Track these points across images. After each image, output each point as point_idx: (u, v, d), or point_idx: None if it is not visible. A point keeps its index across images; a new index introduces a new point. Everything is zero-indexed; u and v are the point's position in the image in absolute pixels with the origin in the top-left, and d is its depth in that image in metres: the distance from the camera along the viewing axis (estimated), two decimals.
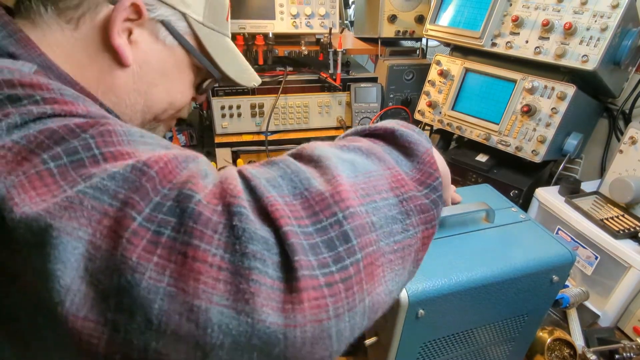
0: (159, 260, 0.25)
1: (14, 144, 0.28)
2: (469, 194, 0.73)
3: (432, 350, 0.58)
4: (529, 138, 0.96)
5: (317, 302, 0.26)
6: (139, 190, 0.26)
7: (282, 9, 1.18)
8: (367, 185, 0.32)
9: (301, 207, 0.29)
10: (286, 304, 0.25)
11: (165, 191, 0.27)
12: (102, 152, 0.29)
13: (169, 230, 0.25)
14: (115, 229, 0.25)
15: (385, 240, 0.31)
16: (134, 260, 0.24)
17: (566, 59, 0.89)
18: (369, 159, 0.35)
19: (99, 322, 0.24)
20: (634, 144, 0.86)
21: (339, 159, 0.33)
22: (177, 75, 0.55)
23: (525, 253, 0.58)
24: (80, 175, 0.27)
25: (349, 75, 1.30)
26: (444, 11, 1.13)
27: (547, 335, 0.72)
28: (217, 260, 0.25)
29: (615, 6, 0.82)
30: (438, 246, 0.58)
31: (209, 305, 0.24)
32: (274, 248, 0.26)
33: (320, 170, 0.32)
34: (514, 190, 0.99)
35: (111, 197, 0.26)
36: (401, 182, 0.35)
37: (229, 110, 1.22)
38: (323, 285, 0.26)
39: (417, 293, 0.50)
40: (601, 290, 0.83)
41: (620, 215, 0.84)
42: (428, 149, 0.38)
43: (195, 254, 0.25)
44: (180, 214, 0.26)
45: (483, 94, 1.06)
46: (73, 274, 0.24)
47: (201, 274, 0.24)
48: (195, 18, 0.53)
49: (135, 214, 0.25)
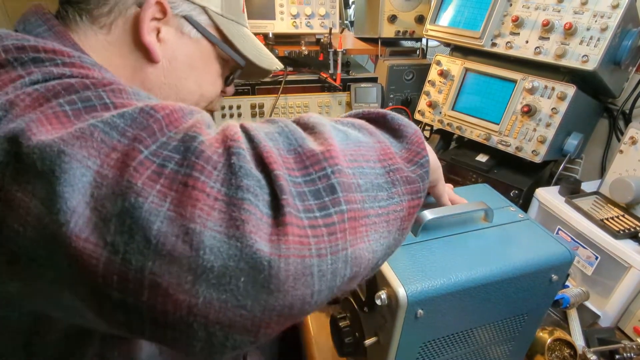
0: (162, 188, 0.27)
1: (34, 90, 0.31)
2: (467, 193, 0.73)
3: (432, 350, 0.58)
4: (529, 138, 0.96)
5: (300, 239, 0.28)
6: (146, 129, 0.29)
7: (282, 9, 1.18)
8: (357, 153, 0.35)
9: (293, 161, 0.31)
10: (272, 235, 0.27)
11: (171, 134, 0.29)
12: (113, 101, 0.32)
13: (173, 164, 0.28)
14: (123, 160, 0.27)
15: (370, 203, 0.33)
16: (138, 186, 0.26)
17: (566, 59, 0.88)
18: (361, 132, 0.38)
19: (99, 244, 0.26)
20: (634, 144, 0.86)
21: (333, 127, 0.36)
22: (204, 67, 0.58)
23: (523, 252, 0.58)
24: (93, 117, 0.30)
25: (349, 75, 1.30)
26: (444, 11, 1.13)
27: (548, 336, 0.72)
28: (214, 192, 0.27)
29: (615, 6, 0.82)
30: (437, 246, 0.58)
31: (203, 229, 0.26)
32: (265, 187, 0.29)
33: (314, 135, 0.34)
34: (514, 190, 0.99)
35: (120, 134, 0.29)
36: (389, 155, 0.37)
37: (229, 110, 1.22)
38: (307, 227, 0.28)
39: (416, 293, 0.50)
40: (601, 290, 0.82)
41: (621, 215, 0.84)
42: (416, 129, 0.41)
43: (195, 183, 0.27)
44: (184, 151, 0.28)
45: (483, 94, 1.06)
46: (79, 197, 0.26)
47: (198, 201, 0.27)
48: (214, 10, 0.56)
49: (142, 148, 0.28)
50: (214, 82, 0.61)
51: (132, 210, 0.26)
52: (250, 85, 1.20)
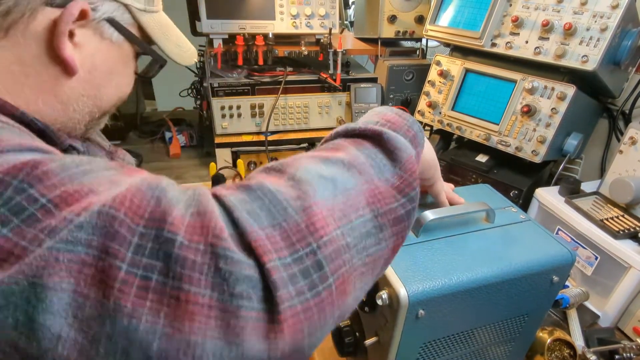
0: (152, 305, 0.26)
1: None
2: (468, 194, 0.73)
3: (432, 351, 0.58)
4: (529, 138, 0.96)
5: (294, 327, 0.29)
6: (115, 237, 0.27)
7: (282, 9, 1.18)
8: (345, 205, 0.34)
9: (280, 238, 0.30)
10: (270, 333, 0.28)
11: (140, 229, 0.27)
12: (50, 198, 0.28)
13: (156, 274, 0.27)
14: (103, 279, 0.26)
15: (358, 256, 0.34)
16: (128, 307, 0.25)
17: (566, 59, 0.89)
18: (350, 172, 0.36)
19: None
20: (633, 144, 0.86)
21: (320, 177, 0.35)
22: (123, 70, 0.52)
23: (525, 253, 0.58)
24: (41, 230, 0.27)
25: (348, 75, 1.30)
26: (443, 11, 1.13)
27: (547, 336, 0.72)
28: (207, 300, 0.27)
29: (615, 6, 0.82)
30: (438, 246, 0.58)
31: (204, 339, 0.26)
32: (258, 284, 0.28)
33: (298, 192, 0.33)
34: (514, 190, 0.99)
35: (85, 246, 0.26)
36: (378, 196, 0.36)
37: (229, 110, 1.22)
38: (300, 313, 0.29)
39: (417, 293, 0.50)
40: (601, 290, 0.83)
41: (620, 215, 0.84)
42: (411, 155, 0.40)
43: (187, 297, 0.26)
44: (166, 259, 0.27)
45: (483, 94, 1.06)
46: (62, 322, 0.25)
47: (194, 314, 0.26)
48: (137, 7, 0.49)
49: (119, 263, 0.26)
50: (131, 80, 0.55)
51: (126, 332, 0.25)
52: (250, 86, 1.20)
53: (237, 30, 1.16)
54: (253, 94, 1.22)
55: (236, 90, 1.20)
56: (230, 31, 1.16)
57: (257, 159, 1.29)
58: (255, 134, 1.27)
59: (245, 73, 1.21)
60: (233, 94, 1.20)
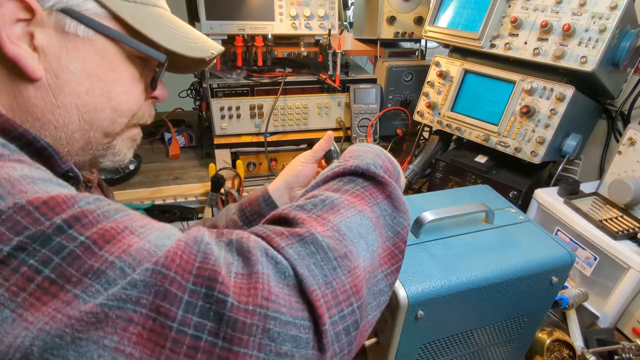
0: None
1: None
2: (467, 194, 0.73)
3: (432, 352, 0.58)
4: (528, 139, 0.96)
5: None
6: (166, 296, 0.27)
7: (282, 10, 1.18)
8: (372, 267, 0.38)
9: (331, 297, 0.32)
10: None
11: (190, 285, 0.28)
12: (88, 235, 0.28)
13: (206, 334, 0.27)
14: (151, 338, 0.26)
15: (372, 313, 0.38)
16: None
17: (565, 60, 0.89)
18: (375, 233, 0.40)
19: None
20: (632, 145, 0.86)
21: (359, 236, 0.37)
22: (110, 73, 0.44)
23: (524, 254, 0.58)
24: (85, 273, 0.26)
25: (348, 76, 1.30)
26: (443, 12, 1.13)
27: (547, 336, 0.72)
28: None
29: (613, 7, 0.82)
30: (437, 247, 0.58)
31: None
32: (307, 343, 0.30)
33: (345, 249, 0.35)
34: (513, 191, 0.99)
35: (134, 303, 0.26)
36: (388, 257, 0.41)
37: (228, 111, 1.22)
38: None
39: (417, 294, 0.50)
40: (600, 291, 0.83)
41: (620, 216, 0.84)
42: (407, 225, 0.44)
43: (236, 358, 0.27)
44: (217, 319, 0.27)
45: (482, 95, 1.06)
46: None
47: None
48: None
49: (170, 323, 0.26)
50: (130, 89, 0.46)
51: None
52: (249, 87, 1.20)
53: (236, 31, 1.16)
54: (252, 95, 1.22)
55: (235, 91, 1.20)
56: (230, 32, 1.16)
57: (256, 159, 1.29)
58: (255, 135, 1.27)
59: (244, 74, 1.21)
60: (232, 94, 1.20)
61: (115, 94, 0.45)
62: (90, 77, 0.42)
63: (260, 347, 0.28)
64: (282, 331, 0.29)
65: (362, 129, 1.32)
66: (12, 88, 0.39)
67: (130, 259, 0.27)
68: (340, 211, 0.38)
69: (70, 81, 0.41)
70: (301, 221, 0.36)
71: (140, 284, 0.27)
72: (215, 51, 0.53)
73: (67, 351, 0.24)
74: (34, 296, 0.25)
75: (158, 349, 0.26)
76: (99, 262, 0.27)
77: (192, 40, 0.50)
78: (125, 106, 0.46)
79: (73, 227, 0.27)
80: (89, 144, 0.46)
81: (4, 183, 0.28)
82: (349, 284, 0.34)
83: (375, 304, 0.38)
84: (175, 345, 0.26)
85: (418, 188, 1.26)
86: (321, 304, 0.31)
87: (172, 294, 0.27)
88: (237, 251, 0.32)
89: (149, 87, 0.50)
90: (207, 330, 0.27)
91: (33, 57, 0.38)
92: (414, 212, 0.60)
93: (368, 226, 0.39)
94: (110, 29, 0.42)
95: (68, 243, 0.27)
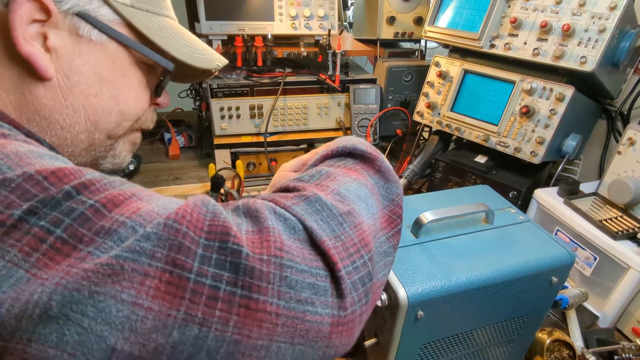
0: (222, 314, 0.27)
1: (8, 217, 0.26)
2: (467, 195, 0.73)
3: (432, 352, 0.58)
4: (528, 139, 0.96)
5: (353, 330, 0.33)
6: (181, 249, 0.27)
7: (281, 10, 1.18)
8: (375, 228, 0.39)
9: (342, 249, 0.33)
10: (332, 335, 0.31)
11: (203, 241, 0.28)
12: (97, 199, 0.28)
13: (224, 284, 0.28)
14: (167, 290, 0.26)
15: (382, 272, 0.39)
16: (199, 317, 0.26)
17: (564, 61, 0.89)
18: (373, 197, 0.41)
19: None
20: (632, 145, 0.86)
21: (358, 198, 0.38)
22: (119, 77, 0.46)
23: (524, 254, 0.58)
24: (96, 232, 0.27)
25: (348, 76, 1.30)
26: (442, 13, 1.13)
27: (546, 336, 0.72)
28: (274, 308, 0.28)
29: (613, 8, 0.82)
30: (437, 247, 0.58)
31: (270, 342, 0.28)
32: (325, 291, 0.31)
33: (347, 207, 0.36)
34: (513, 191, 0.99)
35: (149, 257, 0.27)
36: (388, 221, 0.42)
37: (227, 111, 1.22)
38: (358, 317, 0.33)
39: (417, 294, 0.50)
40: (600, 291, 0.83)
41: (619, 216, 0.84)
42: (399, 194, 0.45)
43: (257, 305, 0.28)
44: (234, 269, 0.28)
45: (482, 95, 1.06)
46: (117, 334, 0.25)
47: (263, 321, 0.28)
48: (120, 1, 0.44)
49: (187, 274, 0.27)
50: (138, 94, 0.48)
51: (195, 340, 0.26)
52: (249, 87, 1.20)
53: (236, 31, 1.16)
54: (252, 95, 1.22)
55: (235, 91, 1.20)
56: (229, 32, 1.16)
57: (256, 160, 1.29)
58: (255, 135, 1.27)
59: (244, 74, 1.21)
60: (232, 95, 1.20)
61: (123, 98, 0.47)
62: (100, 81, 0.44)
63: (280, 295, 0.29)
64: (300, 279, 0.30)
65: (361, 129, 1.32)
66: (23, 86, 0.39)
67: (141, 219, 0.28)
68: (337, 178, 0.39)
69: (81, 83, 0.42)
70: (302, 187, 0.38)
71: (154, 236, 0.27)
72: (221, 63, 0.56)
73: (85, 306, 0.25)
74: (47, 256, 0.25)
75: (177, 301, 0.26)
76: (109, 222, 0.27)
77: (200, 51, 0.53)
78: (132, 110, 0.48)
79: (82, 193, 0.28)
80: (92, 145, 0.47)
81: (12, 156, 0.29)
82: (357, 237, 0.35)
83: (382, 264, 0.39)
84: (194, 295, 0.26)
85: (418, 188, 1.26)
86: (334, 253, 0.32)
87: (186, 247, 0.27)
88: (245, 214, 0.33)
89: (153, 93, 0.52)
90: (225, 280, 0.28)
91: (45, 57, 0.39)
92: (414, 212, 0.60)
93: (365, 191, 0.40)
94: (123, 36, 0.44)
95: (77, 206, 0.27)
